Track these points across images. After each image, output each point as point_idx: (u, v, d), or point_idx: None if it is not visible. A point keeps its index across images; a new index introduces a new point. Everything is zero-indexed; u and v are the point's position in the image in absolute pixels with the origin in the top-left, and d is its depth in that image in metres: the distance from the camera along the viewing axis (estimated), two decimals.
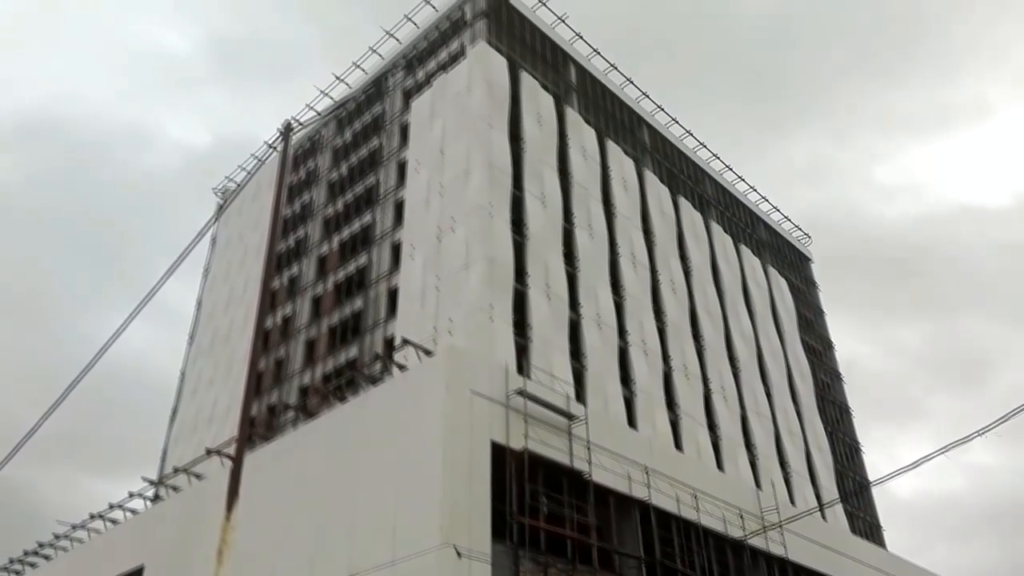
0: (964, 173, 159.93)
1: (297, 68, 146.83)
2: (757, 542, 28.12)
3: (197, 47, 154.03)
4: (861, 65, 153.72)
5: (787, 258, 61.68)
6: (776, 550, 28.75)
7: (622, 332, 38.15)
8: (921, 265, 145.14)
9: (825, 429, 51.33)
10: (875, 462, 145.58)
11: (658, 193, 48.16)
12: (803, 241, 65.49)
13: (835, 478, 48.90)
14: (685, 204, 50.58)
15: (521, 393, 24.41)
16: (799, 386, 51.02)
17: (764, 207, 61.42)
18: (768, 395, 47.28)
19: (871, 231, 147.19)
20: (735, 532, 27.57)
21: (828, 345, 60.40)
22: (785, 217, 63.45)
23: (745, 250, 54.97)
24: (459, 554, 19.58)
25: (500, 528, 21.53)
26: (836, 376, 58.82)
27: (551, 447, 24.28)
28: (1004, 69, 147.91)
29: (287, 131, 13.89)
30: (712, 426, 40.58)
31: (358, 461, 23.46)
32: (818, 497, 44.83)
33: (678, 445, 36.87)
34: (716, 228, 52.76)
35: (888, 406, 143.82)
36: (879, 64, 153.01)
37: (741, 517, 28.11)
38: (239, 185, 54.86)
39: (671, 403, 38.69)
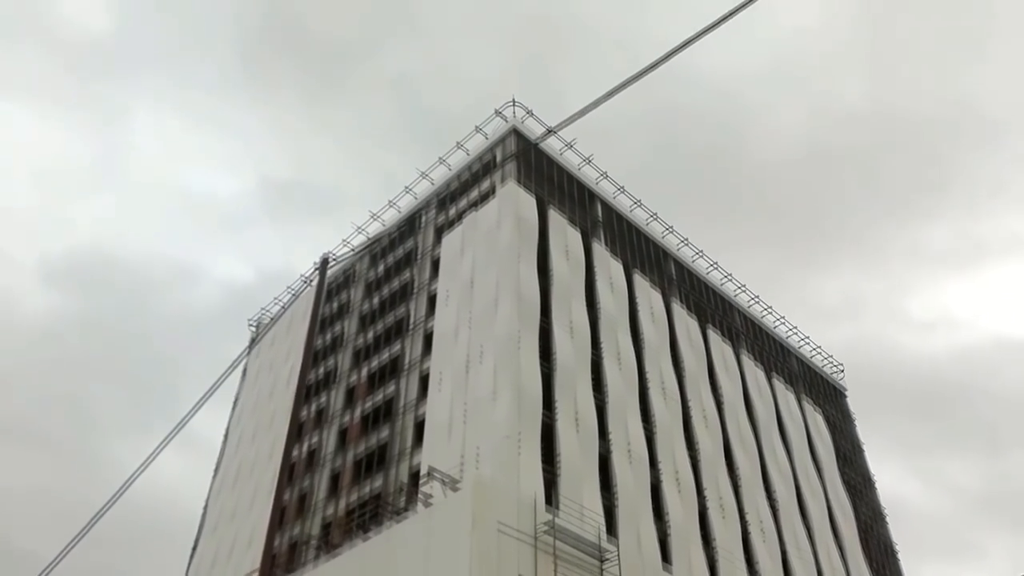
0: (999, 306, 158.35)
1: (338, 207, 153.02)
2: None
3: (244, 188, 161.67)
4: (892, 202, 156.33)
5: (822, 391, 60.54)
6: None
7: (654, 464, 37.21)
8: (961, 400, 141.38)
9: (870, 569, 48.59)
10: None
11: (687, 325, 48.21)
12: (836, 374, 64.43)
13: None
14: (714, 336, 50.46)
15: (550, 529, 23.73)
16: (841, 524, 48.73)
17: (795, 340, 60.99)
18: (809, 532, 45.15)
19: (908, 366, 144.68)
20: None
21: (869, 481, 58.09)
22: (817, 349, 62.77)
23: (778, 383, 54.16)
24: None
25: None
26: (879, 514, 56.19)
27: None
28: None
29: (324, 264, 14.45)
30: (751, 565, 38.64)
31: None
32: None
33: None
34: (747, 360, 52.28)
35: (938, 546, 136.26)
36: (910, 201, 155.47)
37: None
38: (273, 318, 55.98)
39: (707, 540, 37.10)
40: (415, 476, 33.38)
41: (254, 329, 58.83)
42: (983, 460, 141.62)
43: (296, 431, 40.50)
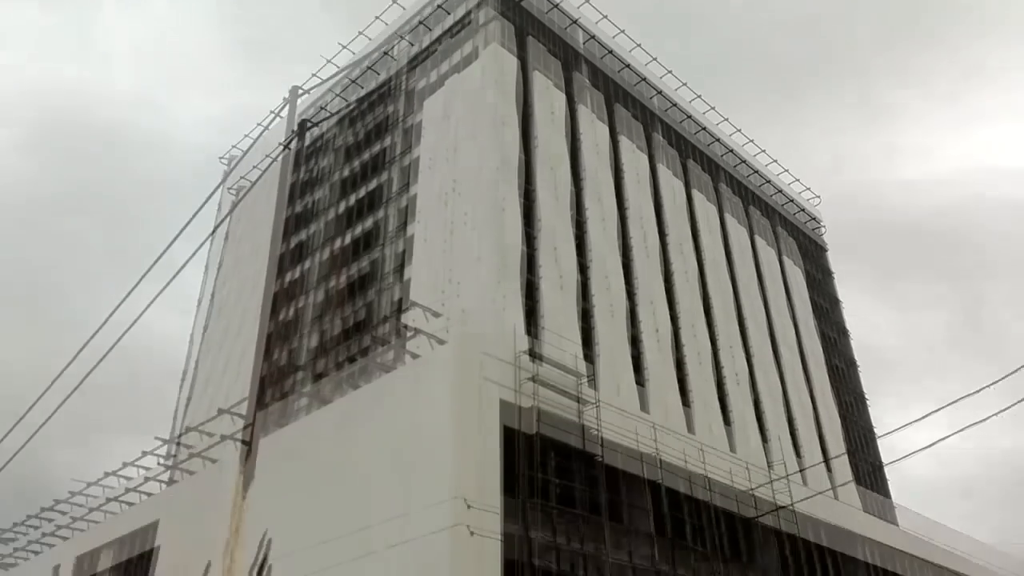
0: (987, 149, 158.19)
1: (311, 52, 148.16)
2: (768, 521, 28.30)
3: (214, 42, 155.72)
4: (880, 59, 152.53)
5: (803, 247, 61.52)
6: (788, 528, 28.93)
7: (634, 321, 38.37)
8: (945, 247, 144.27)
9: (840, 414, 51.30)
10: (891, 445, 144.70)
11: (671, 186, 48.27)
12: (818, 230, 65.39)
13: (849, 461, 48.94)
14: (699, 196, 50.64)
15: (533, 379, 24.75)
16: (813, 373, 50.98)
17: (779, 199, 61.37)
18: (782, 382, 47.30)
19: (891, 213, 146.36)
20: (747, 512, 27.78)
21: (843, 333, 60.26)
22: (801, 209, 63.39)
23: (759, 239, 54.93)
24: (471, 532, 19.94)
25: (513, 510, 21.87)
26: (851, 363, 58.68)
27: (563, 431, 24.62)
28: None
29: (293, 92, 14.35)
30: (725, 411, 40.70)
31: (371, 447, 23.89)
32: (831, 479, 44.83)
33: (690, 429, 37.03)
34: (730, 219, 52.74)
35: (906, 388, 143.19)
36: (897, 57, 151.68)
37: (753, 498, 28.30)
38: (251, 183, 55.61)
39: (684, 390, 38.84)
40: (401, 333, 34.38)
41: (226, 163, 59.08)
42: (960, 302, 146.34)
43: (273, 292, 41.01)
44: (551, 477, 23.66)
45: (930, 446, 23.89)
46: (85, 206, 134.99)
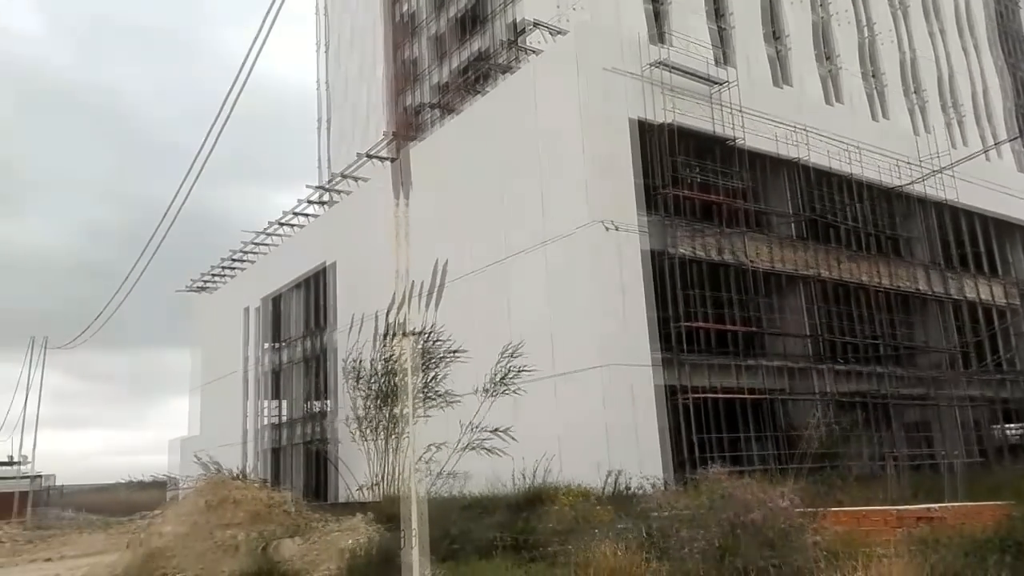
0: None
1: None
2: (918, 189, 27.16)
3: None
4: None
5: None
6: (939, 195, 27.77)
7: None
8: None
9: (1005, 62, 46.24)
10: None
11: None
12: None
13: (1012, 116, 45.04)
14: None
15: (659, 64, 23.22)
16: (975, 16, 45.23)
17: None
18: (940, 30, 42.45)
19: None
20: (894, 182, 26.69)
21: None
22: None
23: None
24: (607, 228, 20.25)
25: (651, 202, 21.88)
26: (1018, 2, 51.48)
27: (695, 117, 23.54)
28: None
29: None
30: (874, 74, 37.52)
31: (503, 150, 23.92)
32: (992, 137, 41.81)
33: (837, 98, 34.67)
34: None
35: None
36: None
37: (899, 166, 26.94)
38: None
39: (827, 55, 35.76)
40: (514, 28, 32.69)
41: None
42: None
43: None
44: (687, 159, 23.05)
45: None
46: None
